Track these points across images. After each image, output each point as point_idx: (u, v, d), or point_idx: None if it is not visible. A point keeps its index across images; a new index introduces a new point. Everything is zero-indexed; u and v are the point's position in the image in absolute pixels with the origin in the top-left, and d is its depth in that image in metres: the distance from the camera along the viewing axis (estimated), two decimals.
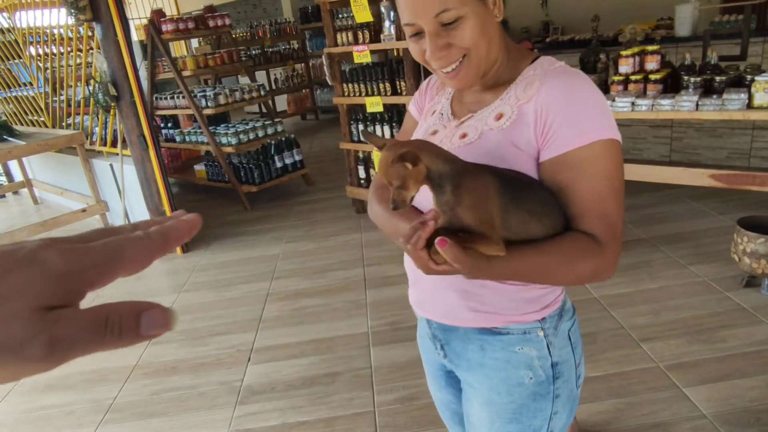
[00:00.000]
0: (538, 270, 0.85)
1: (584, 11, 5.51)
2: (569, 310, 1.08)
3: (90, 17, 3.67)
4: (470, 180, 0.77)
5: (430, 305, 1.10)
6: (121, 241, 0.33)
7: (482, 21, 0.90)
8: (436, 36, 0.90)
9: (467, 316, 1.03)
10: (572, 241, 0.86)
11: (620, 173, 0.90)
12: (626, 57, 3.13)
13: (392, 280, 3.53)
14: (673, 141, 4.65)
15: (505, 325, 1.02)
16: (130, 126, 4.00)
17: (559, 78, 0.91)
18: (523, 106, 0.92)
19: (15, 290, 0.29)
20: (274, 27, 8.41)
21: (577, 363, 1.08)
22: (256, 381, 2.75)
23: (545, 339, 1.02)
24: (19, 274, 0.30)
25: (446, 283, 1.02)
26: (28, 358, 0.29)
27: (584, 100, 0.89)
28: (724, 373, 2.36)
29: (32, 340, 0.29)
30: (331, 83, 4.33)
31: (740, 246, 2.83)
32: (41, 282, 0.30)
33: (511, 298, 1.00)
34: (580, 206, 0.86)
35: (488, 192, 0.77)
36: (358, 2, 3.62)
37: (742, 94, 2.73)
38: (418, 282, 1.12)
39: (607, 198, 0.87)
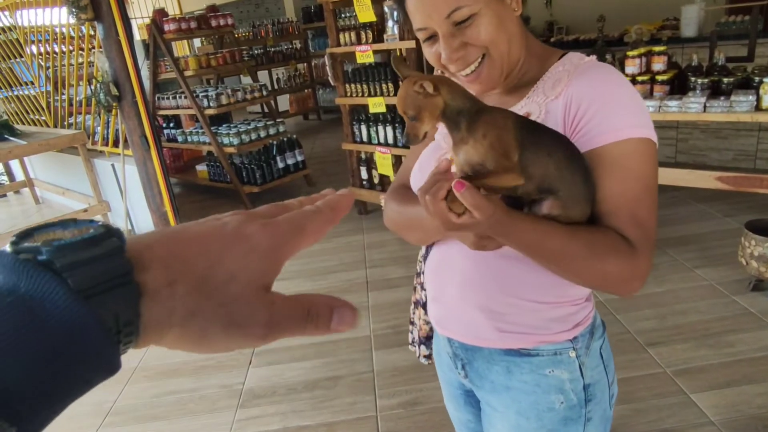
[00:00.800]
0: (561, 252, 0.77)
1: (589, 11, 5.48)
2: (599, 326, 1.02)
3: (91, 16, 3.65)
4: (486, 114, 0.74)
5: (453, 324, 1.03)
6: (302, 215, 0.37)
7: (499, 16, 0.86)
8: (451, 37, 0.86)
9: (494, 337, 0.96)
10: (605, 234, 0.79)
11: (655, 176, 0.84)
12: (633, 57, 3.09)
13: (394, 282, 3.50)
14: (679, 142, 4.61)
15: (535, 346, 0.95)
16: (131, 126, 3.98)
17: (590, 71, 0.86)
18: (551, 103, 0.87)
19: (237, 271, 0.32)
20: (276, 26, 8.39)
21: (610, 382, 1.01)
22: (257, 384, 2.73)
23: (577, 360, 0.95)
24: (235, 252, 0.33)
25: (471, 302, 0.96)
26: (250, 335, 0.32)
27: (619, 94, 0.83)
28: (732, 379, 2.33)
29: (255, 319, 0.32)
30: (334, 83, 4.31)
31: (747, 249, 2.79)
32: (255, 261, 0.33)
33: (541, 317, 0.93)
34: (609, 204, 0.80)
35: (505, 124, 0.73)
36: (362, 2, 3.59)
37: (750, 96, 2.70)
38: (440, 298, 1.04)
39: (640, 200, 0.81)
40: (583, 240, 0.77)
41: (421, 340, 2.08)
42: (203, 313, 0.31)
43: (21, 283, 0.26)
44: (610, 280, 0.80)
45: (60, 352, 0.26)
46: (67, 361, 0.26)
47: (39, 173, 6.20)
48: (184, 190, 6.37)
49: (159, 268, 0.30)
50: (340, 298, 0.36)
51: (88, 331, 0.27)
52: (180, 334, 0.31)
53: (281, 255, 0.35)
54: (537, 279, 0.91)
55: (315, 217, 0.37)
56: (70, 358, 0.26)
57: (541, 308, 0.93)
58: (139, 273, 0.30)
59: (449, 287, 1.00)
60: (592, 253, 0.77)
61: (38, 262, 0.27)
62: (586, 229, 0.78)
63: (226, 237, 0.33)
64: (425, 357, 2.10)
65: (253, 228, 0.34)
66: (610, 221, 0.81)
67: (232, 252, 0.33)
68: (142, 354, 3.09)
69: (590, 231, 0.79)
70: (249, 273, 0.33)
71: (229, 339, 0.32)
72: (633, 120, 0.81)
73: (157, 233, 0.33)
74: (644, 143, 0.82)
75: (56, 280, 0.26)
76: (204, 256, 0.32)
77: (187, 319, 0.31)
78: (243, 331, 0.32)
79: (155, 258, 0.31)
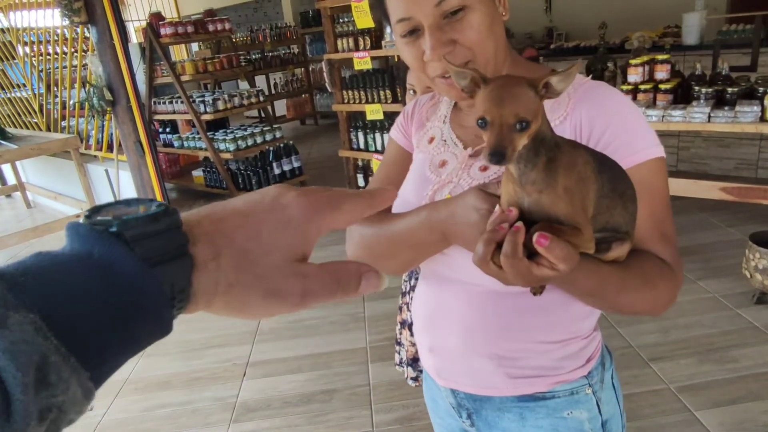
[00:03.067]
0: (620, 287, 0.72)
1: (588, 17, 5.45)
2: (608, 353, 0.97)
3: (85, 20, 3.59)
4: (567, 155, 0.59)
5: (458, 375, 0.94)
6: (341, 193, 0.40)
7: (490, 16, 0.79)
8: (439, 30, 0.78)
9: (505, 385, 0.89)
10: (652, 261, 0.77)
11: (668, 191, 0.82)
12: (635, 66, 3.05)
13: (391, 292, 3.42)
14: (681, 151, 4.57)
15: (551, 388, 0.88)
16: (126, 131, 3.92)
17: (595, 94, 0.81)
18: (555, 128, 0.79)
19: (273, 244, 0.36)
20: (274, 31, 8.35)
21: (621, 412, 0.96)
22: (251, 397, 2.66)
23: (594, 396, 0.89)
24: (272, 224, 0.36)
25: (478, 350, 0.89)
26: (286, 303, 0.36)
27: (630, 116, 0.80)
28: (737, 396, 2.27)
29: (291, 289, 0.36)
30: (331, 90, 4.26)
31: (752, 262, 2.74)
32: (290, 233, 0.36)
33: (553, 356, 0.87)
34: (640, 230, 0.74)
35: (586, 173, 0.60)
36: (360, 8, 3.54)
37: (755, 106, 2.66)
38: (439, 349, 0.95)
39: (664, 218, 0.80)
40: (637, 271, 0.74)
41: (409, 361, 2.01)
42: (243, 284, 0.35)
43: (95, 249, 0.30)
44: (658, 304, 0.78)
45: (126, 310, 0.29)
46: (130, 318, 0.30)
47: (31, 177, 6.12)
48: (180, 195, 6.30)
49: (206, 243, 0.34)
50: (365, 264, 0.39)
51: (150, 294, 0.30)
52: (224, 302, 0.35)
53: (316, 228, 0.38)
54: (545, 319, 0.85)
55: (353, 198, 0.40)
56: (133, 315, 0.30)
57: (552, 348, 0.87)
58: (191, 247, 0.33)
59: (450, 336, 0.91)
60: (645, 282, 0.74)
61: (110, 233, 0.30)
62: (635, 259, 0.74)
63: (264, 209, 0.37)
64: (412, 379, 2.04)
65: (289, 198, 0.38)
66: (644, 245, 0.78)
67: (269, 224, 0.36)
68: (132, 366, 3.01)
69: (639, 260, 0.75)
70: (284, 246, 0.36)
71: (267, 306, 0.36)
72: (648, 141, 0.79)
73: (205, 210, 0.36)
74: (660, 162, 0.79)
75: (125, 248, 0.30)
76: (243, 229, 0.35)
77: (230, 289, 0.34)
78: (280, 300, 0.36)
79: (203, 233, 0.34)
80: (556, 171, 0.58)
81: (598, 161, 0.63)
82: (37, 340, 0.26)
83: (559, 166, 0.59)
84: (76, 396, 0.27)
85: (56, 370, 0.26)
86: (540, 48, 5.54)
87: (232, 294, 0.34)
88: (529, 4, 6.14)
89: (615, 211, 0.64)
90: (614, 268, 0.70)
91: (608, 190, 0.62)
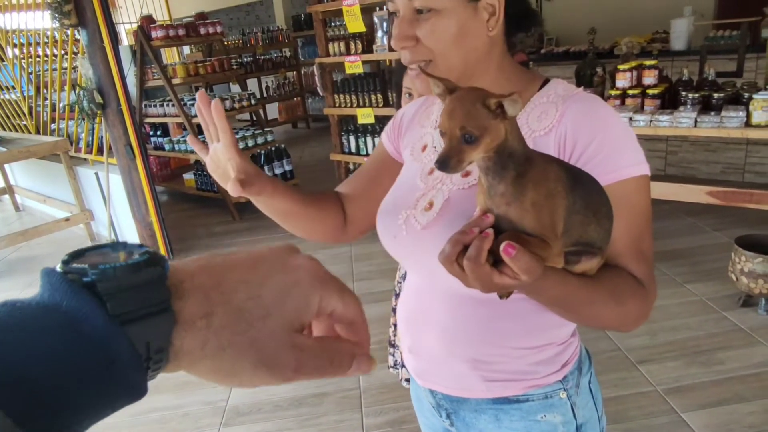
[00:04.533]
0: (587, 302, 0.73)
1: (579, 23, 5.49)
2: (586, 358, 0.98)
3: (75, 22, 3.58)
4: (537, 170, 0.60)
5: (436, 376, 0.96)
6: (346, 287, 0.38)
7: (462, 27, 0.78)
8: (407, 22, 0.80)
9: (480, 387, 0.90)
10: (623, 278, 0.77)
11: (650, 208, 0.82)
12: (623, 71, 3.09)
13: (382, 295, 3.44)
14: (669, 155, 4.62)
15: (525, 392, 0.90)
16: (116, 135, 3.90)
17: (583, 106, 0.80)
18: (540, 138, 0.81)
19: (274, 306, 0.33)
20: (266, 34, 8.35)
21: (599, 416, 0.97)
22: (241, 401, 2.65)
23: (569, 400, 0.91)
24: (277, 284, 0.33)
25: (454, 354, 0.90)
26: (276, 376, 0.33)
27: (616, 131, 0.79)
28: (723, 398, 2.30)
29: (283, 362, 0.33)
30: (322, 93, 4.27)
31: (738, 265, 2.78)
32: (294, 300, 0.34)
33: (528, 361, 0.88)
34: (617, 245, 0.76)
35: (556, 188, 0.61)
36: (351, 12, 3.55)
37: (740, 111, 2.69)
38: (418, 350, 0.97)
39: (643, 235, 0.80)
40: (607, 287, 0.73)
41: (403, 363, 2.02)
42: (235, 349, 0.32)
43: (64, 301, 0.28)
44: (627, 321, 0.79)
45: (91, 371, 0.27)
46: (96, 380, 0.28)
47: (20, 180, 6.07)
48: (170, 198, 6.28)
49: (198, 298, 0.31)
50: (361, 346, 0.37)
51: (118, 354, 0.28)
52: (211, 366, 0.32)
53: (317, 301, 0.35)
54: (521, 325, 0.87)
55: (356, 306, 0.38)
56: (100, 378, 0.28)
57: (527, 353, 0.88)
58: (177, 301, 0.31)
59: (428, 339, 0.93)
60: (614, 299, 0.74)
61: (83, 284, 0.29)
62: (607, 274, 0.74)
63: (270, 267, 0.34)
64: (407, 380, 2.05)
65: (300, 260, 0.36)
66: (618, 261, 0.78)
67: (273, 284, 0.34)
68: None
69: (611, 277, 0.75)
70: (285, 311, 0.33)
71: (256, 377, 0.33)
72: (633, 158, 0.78)
73: (203, 260, 0.34)
74: (644, 180, 0.79)
75: (96, 303, 0.28)
76: (245, 285, 0.33)
77: (219, 353, 0.32)
78: (271, 372, 0.33)
79: (196, 287, 0.32)
80: (524, 185, 0.59)
81: (572, 177, 0.63)
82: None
83: (528, 181, 0.59)
84: None
85: None
86: (531, 53, 5.58)
87: (220, 358, 0.32)
88: None
89: (589, 227, 0.65)
90: (583, 281, 0.70)
91: (581, 206, 0.63)
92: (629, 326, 0.80)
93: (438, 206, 0.85)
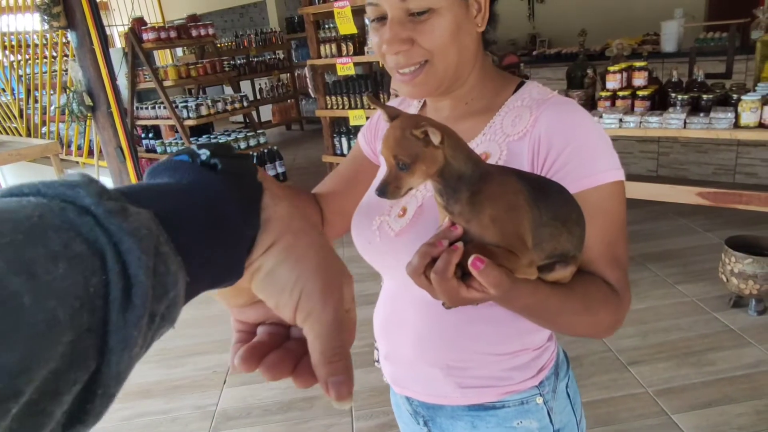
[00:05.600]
0: (558, 311, 0.71)
1: (571, 24, 5.51)
2: (563, 363, 0.97)
3: (64, 24, 3.56)
4: (494, 186, 0.59)
5: (410, 382, 0.95)
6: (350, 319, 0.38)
7: (458, 24, 0.78)
8: (400, 25, 0.77)
9: (455, 394, 0.89)
10: (596, 286, 0.76)
11: (625, 215, 0.80)
12: (614, 73, 3.09)
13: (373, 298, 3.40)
14: (660, 156, 4.64)
15: (501, 398, 0.89)
16: (106, 137, 3.88)
17: (558, 110, 0.79)
18: (514, 143, 0.80)
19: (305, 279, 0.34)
20: (259, 36, 8.33)
21: (578, 421, 0.96)
22: (231, 405, 2.64)
23: (545, 406, 0.90)
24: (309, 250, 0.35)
25: (428, 360, 0.89)
26: (330, 293, 0.35)
27: (591, 137, 0.78)
28: (713, 399, 2.30)
29: (338, 281, 0.36)
30: (314, 95, 4.26)
31: (728, 266, 2.78)
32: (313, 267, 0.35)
33: (502, 367, 0.87)
34: (591, 251, 0.76)
35: (517, 201, 0.60)
36: (342, 14, 3.55)
37: (729, 113, 2.70)
38: (393, 356, 0.96)
39: (617, 241, 0.79)
40: (579, 296, 0.72)
41: None
42: (302, 249, 0.34)
43: (192, 178, 0.32)
44: (600, 330, 0.78)
45: (215, 238, 0.30)
46: (216, 244, 0.30)
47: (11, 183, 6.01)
48: None
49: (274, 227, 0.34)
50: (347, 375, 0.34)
51: (236, 229, 0.31)
52: (275, 264, 0.34)
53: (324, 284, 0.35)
54: (495, 331, 0.86)
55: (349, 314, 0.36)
56: (220, 242, 0.31)
57: (501, 359, 0.87)
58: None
59: (402, 345, 0.93)
60: (586, 308, 0.73)
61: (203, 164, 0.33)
62: (580, 283, 0.72)
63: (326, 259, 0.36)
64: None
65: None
66: (592, 267, 0.77)
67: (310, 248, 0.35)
68: None
69: (584, 284, 0.73)
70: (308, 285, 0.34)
71: (313, 284, 0.34)
72: (607, 164, 0.77)
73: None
74: (618, 185, 0.78)
75: (216, 175, 0.32)
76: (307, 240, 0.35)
77: (289, 250, 0.34)
78: (327, 282, 0.34)
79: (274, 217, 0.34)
80: (480, 203, 0.58)
81: (535, 189, 0.62)
82: (154, 229, 0.26)
83: (484, 198, 0.58)
84: (178, 297, 0.27)
85: (167, 261, 0.26)
86: (522, 54, 5.59)
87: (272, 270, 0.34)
88: (513, 10, 6.20)
89: (560, 238, 0.64)
90: (555, 290, 0.69)
91: (549, 218, 0.62)
92: (602, 334, 0.80)
93: (411, 212, 0.84)
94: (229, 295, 0.38)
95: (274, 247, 0.33)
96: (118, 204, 0.25)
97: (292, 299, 0.33)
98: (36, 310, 0.20)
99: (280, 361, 0.36)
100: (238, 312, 0.40)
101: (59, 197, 0.25)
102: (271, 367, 0.36)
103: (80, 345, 0.22)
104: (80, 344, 0.22)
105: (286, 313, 0.34)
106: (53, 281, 0.21)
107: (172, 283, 0.26)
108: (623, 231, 0.80)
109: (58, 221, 0.23)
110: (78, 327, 0.22)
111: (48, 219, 0.23)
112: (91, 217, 0.24)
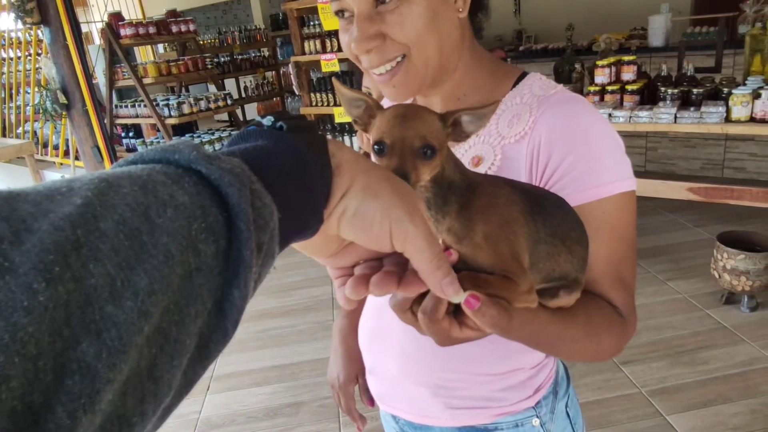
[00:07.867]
0: (559, 338, 0.63)
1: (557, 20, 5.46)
2: (563, 380, 0.90)
3: (38, 20, 3.43)
4: (484, 197, 0.51)
5: (396, 401, 0.87)
6: None
7: (434, 11, 0.68)
8: (368, 20, 0.68)
9: (444, 415, 0.82)
10: (601, 310, 0.68)
11: (635, 227, 0.72)
12: (602, 67, 3.04)
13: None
14: (648, 151, 4.61)
15: (493, 420, 0.81)
16: (82, 136, 3.76)
17: (562, 111, 0.70)
18: (510, 146, 0.71)
19: None
20: (243, 34, 8.20)
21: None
22: (214, 413, 2.55)
23: (542, 428, 0.83)
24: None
25: (414, 378, 0.82)
26: (409, 212, 0.39)
27: (597, 142, 0.69)
28: (708, 399, 2.26)
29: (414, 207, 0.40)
30: (299, 93, 4.17)
31: (720, 262, 2.74)
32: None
33: (495, 387, 0.80)
34: (595, 271, 0.67)
35: (511, 214, 0.52)
36: (326, 9, 3.46)
37: (720, 107, 2.66)
38: (378, 372, 0.89)
39: (624, 260, 0.70)
40: (581, 322, 0.64)
41: None
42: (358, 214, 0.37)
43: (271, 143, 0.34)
44: (604, 354, 0.70)
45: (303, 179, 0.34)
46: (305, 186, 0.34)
47: None
48: None
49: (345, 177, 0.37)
50: (451, 272, 0.41)
51: (316, 186, 0.34)
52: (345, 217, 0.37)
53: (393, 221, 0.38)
54: (486, 349, 0.77)
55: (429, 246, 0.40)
56: (304, 183, 0.34)
57: (494, 379, 0.80)
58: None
59: (387, 362, 0.85)
60: (588, 335, 0.65)
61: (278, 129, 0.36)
62: (582, 307, 0.63)
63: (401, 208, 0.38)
64: None
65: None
66: (595, 288, 0.68)
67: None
68: None
69: (587, 309, 0.65)
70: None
71: (392, 204, 0.37)
72: (617, 173, 0.68)
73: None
74: (628, 197, 0.69)
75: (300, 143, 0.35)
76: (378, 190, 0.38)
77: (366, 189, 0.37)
78: (405, 203, 0.38)
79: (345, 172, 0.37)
80: (471, 218, 0.50)
81: (531, 201, 0.54)
82: (246, 170, 0.29)
83: (475, 211, 0.50)
84: (276, 231, 0.30)
85: (261, 196, 0.29)
86: (509, 50, 5.54)
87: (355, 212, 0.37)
88: (499, 6, 6.14)
89: (560, 257, 0.55)
90: (555, 317, 0.60)
91: (546, 234, 0.54)
92: (603, 359, 0.73)
93: None
94: (320, 247, 0.41)
95: (352, 188, 0.36)
96: (212, 153, 0.29)
97: (384, 229, 0.37)
98: (154, 244, 0.24)
99: (385, 277, 0.40)
100: (332, 261, 0.43)
101: (164, 160, 0.29)
102: (379, 282, 0.40)
103: (194, 281, 0.26)
104: (193, 280, 0.26)
105: (382, 243, 0.38)
106: (164, 222, 0.25)
107: (269, 215, 0.30)
108: (631, 249, 0.71)
109: (163, 178, 0.27)
110: (187, 264, 0.26)
111: (155, 176, 0.27)
112: (193, 173, 0.28)
